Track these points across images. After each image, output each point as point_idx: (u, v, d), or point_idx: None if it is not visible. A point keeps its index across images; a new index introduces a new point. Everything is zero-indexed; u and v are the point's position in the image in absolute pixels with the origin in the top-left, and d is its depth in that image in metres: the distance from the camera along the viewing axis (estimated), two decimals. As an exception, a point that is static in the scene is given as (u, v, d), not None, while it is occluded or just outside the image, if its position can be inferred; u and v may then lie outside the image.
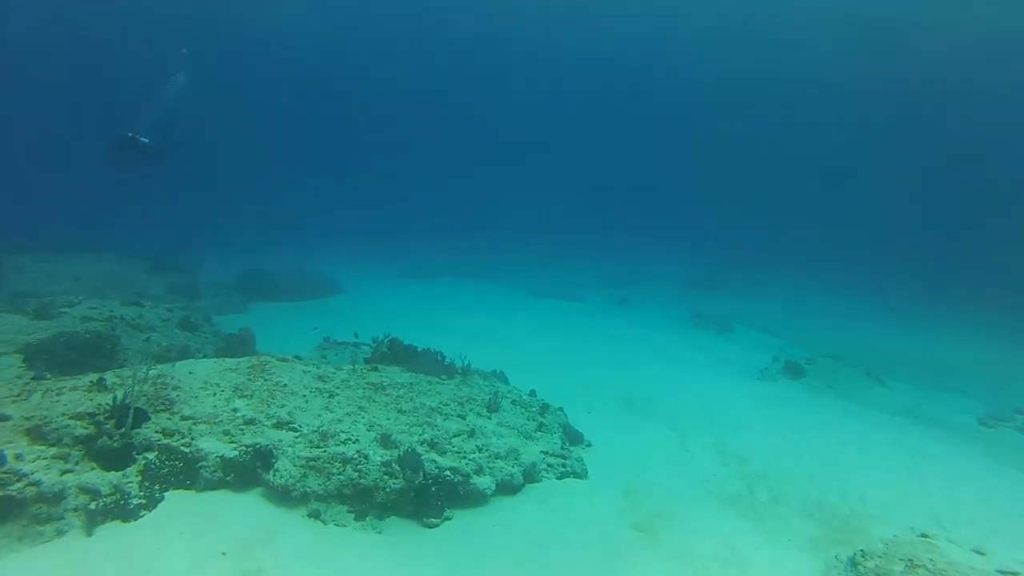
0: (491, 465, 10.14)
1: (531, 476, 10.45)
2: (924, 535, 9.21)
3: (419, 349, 13.00)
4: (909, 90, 57.13)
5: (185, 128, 20.80)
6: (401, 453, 9.42)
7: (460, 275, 36.19)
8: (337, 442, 9.54)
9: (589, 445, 12.32)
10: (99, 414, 8.75)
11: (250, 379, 10.70)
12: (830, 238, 54.76)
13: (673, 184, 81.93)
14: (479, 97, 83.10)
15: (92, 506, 7.70)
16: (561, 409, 13.26)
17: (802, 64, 58.50)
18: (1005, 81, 51.67)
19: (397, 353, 12.96)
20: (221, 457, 8.90)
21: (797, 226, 59.40)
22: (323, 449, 9.35)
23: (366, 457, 9.32)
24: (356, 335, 15.43)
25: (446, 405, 11.30)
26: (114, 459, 8.47)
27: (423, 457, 9.54)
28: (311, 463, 9.08)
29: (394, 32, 65.35)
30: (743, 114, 73.97)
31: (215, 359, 11.86)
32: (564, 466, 10.96)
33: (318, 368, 11.82)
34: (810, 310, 32.66)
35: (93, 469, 8.19)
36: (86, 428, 8.51)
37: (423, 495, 9.28)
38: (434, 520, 9.07)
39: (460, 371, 13.06)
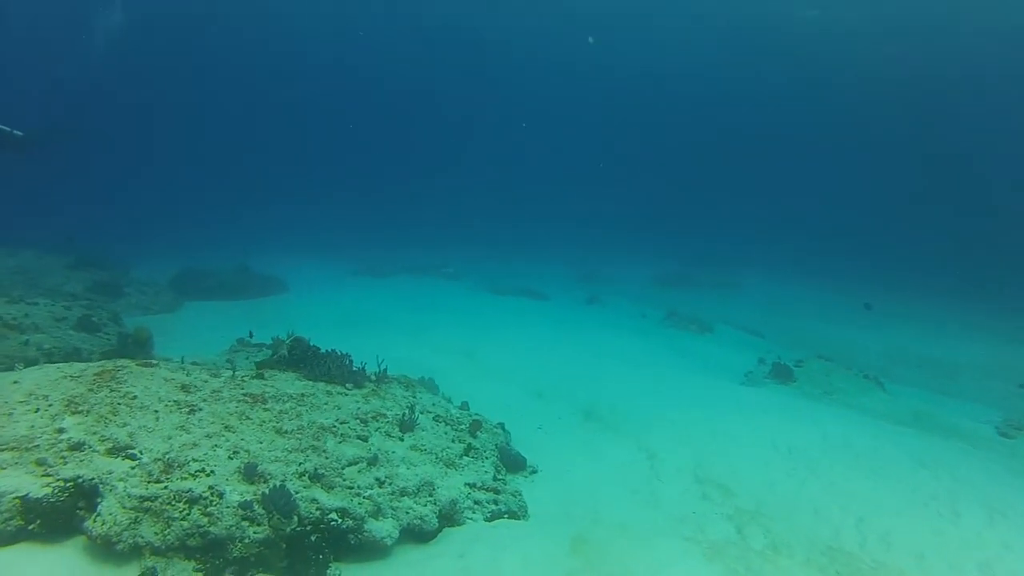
0: (395, 504, 7.59)
1: (450, 517, 7.88)
2: (981, 600, 6.72)
3: (323, 351, 10.33)
4: (890, 87, 55.26)
5: (72, 116, 18.64)
6: (268, 490, 6.83)
7: (418, 271, 33.57)
8: (185, 474, 7.00)
9: (534, 472, 9.76)
10: None
11: (92, 389, 8.12)
12: (805, 233, 52.80)
13: (645, 179, 79.67)
14: (443, 88, 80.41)
15: None
16: (501, 426, 10.72)
17: (786, 61, 56.42)
18: (993, 78, 49.88)
19: (297, 356, 10.29)
20: (22, 497, 6.45)
21: (771, 221, 57.45)
22: (164, 484, 6.81)
23: (220, 495, 6.80)
24: (251, 334, 12.81)
25: (344, 423, 8.68)
26: None
27: (301, 495, 7.04)
28: (146, 504, 6.58)
29: (350, 16, 62.23)
30: (721, 108, 71.97)
31: (59, 364, 9.24)
32: (496, 503, 8.38)
33: (188, 375, 9.16)
34: (789, 307, 30.24)
35: None
36: None
37: (298, 547, 6.82)
38: (314, 581, 6.53)
39: (373, 379, 10.45)
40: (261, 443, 7.80)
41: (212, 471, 7.13)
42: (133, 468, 6.96)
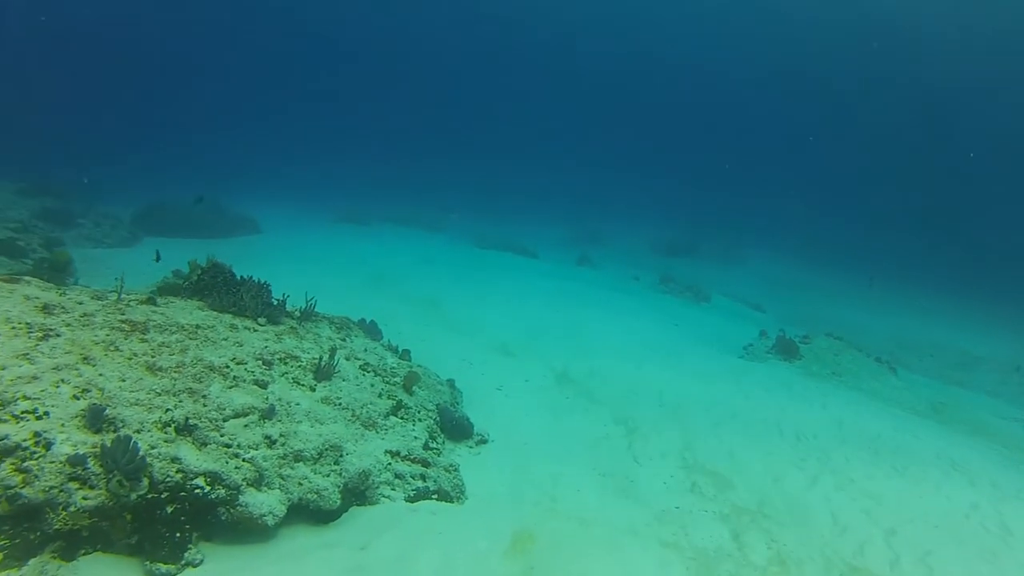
0: (286, 472, 5.76)
1: (360, 494, 6.05)
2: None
3: (239, 278, 8.40)
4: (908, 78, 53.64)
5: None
6: (110, 442, 5.02)
7: (402, 222, 31.58)
8: (6, 415, 5.17)
9: (482, 442, 7.90)
10: None
11: (-87, 306, 6.27)
12: (819, 218, 51.02)
13: (655, 148, 77.43)
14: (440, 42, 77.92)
15: None
16: (450, 383, 8.85)
17: (804, 52, 54.73)
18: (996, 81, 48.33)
19: (206, 282, 8.36)
20: None
21: (785, 204, 55.56)
22: (-30, 429, 4.94)
23: (48, 446, 4.95)
24: (157, 254, 10.98)
25: (240, 364, 6.78)
26: None
27: (159, 451, 5.28)
28: (-67, 455, 4.73)
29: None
30: (739, 87, 70.03)
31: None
32: (424, 478, 6.52)
33: (61, 295, 7.24)
34: (794, 285, 28.47)
35: None
36: None
37: (149, 520, 5.08)
38: (163, 568, 4.92)
39: (297, 315, 8.53)
40: (124, 381, 5.94)
41: (46, 413, 5.29)
42: (-71, 406, 5.14)
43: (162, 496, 5.15)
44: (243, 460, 5.62)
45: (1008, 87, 49.29)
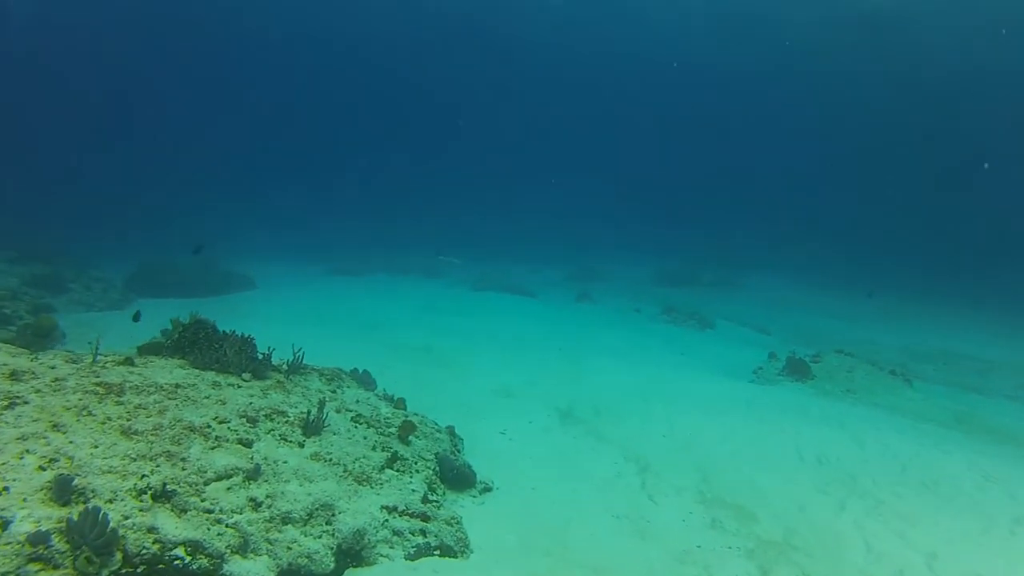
0: (273, 536, 5.31)
1: (356, 554, 5.60)
2: None
3: (222, 333, 8.01)
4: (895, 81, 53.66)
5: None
6: (77, 515, 4.63)
7: (399, 271, 31.30)
8: (-39, 495, 4.72)
9: (487, 490, 7.43)
10: None
11: None
12: (813, 236, 50.82)
13: (651, 177, 77.53)
14: (437, 79, 78.26)
15: None
16: (450, 430, 8.41)
17: (793, 55, 54.87)
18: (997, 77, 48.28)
19: (188, 339, 7.97)
20: None
21: (778, 223, 55.41)
22: (-77, 511, 4.55)
23: (5, 525, 4.53)
24: (137, 315, 10.61)
25: (223, 423, 6.37)
26: None
27: (133, 521, 4.84)
28: None
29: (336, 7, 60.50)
30: (725, 104, 70.21)
31: None
32: (424, 533, 6.05)
33: (32, 360, 6.88)
34: (796, 305, 28.05)
35: None
36: None
37: (123, 598, 4.56)
38: (141, 653, 4.39)
39: (284, 368, 8.12)
40: (96, 447, 5.55)
41: (5, 488, 4.89)
42: None
43: (138, 570, 4.74)
44: (227, 526, 5.21)
45: (1011, 84, 49.11)
